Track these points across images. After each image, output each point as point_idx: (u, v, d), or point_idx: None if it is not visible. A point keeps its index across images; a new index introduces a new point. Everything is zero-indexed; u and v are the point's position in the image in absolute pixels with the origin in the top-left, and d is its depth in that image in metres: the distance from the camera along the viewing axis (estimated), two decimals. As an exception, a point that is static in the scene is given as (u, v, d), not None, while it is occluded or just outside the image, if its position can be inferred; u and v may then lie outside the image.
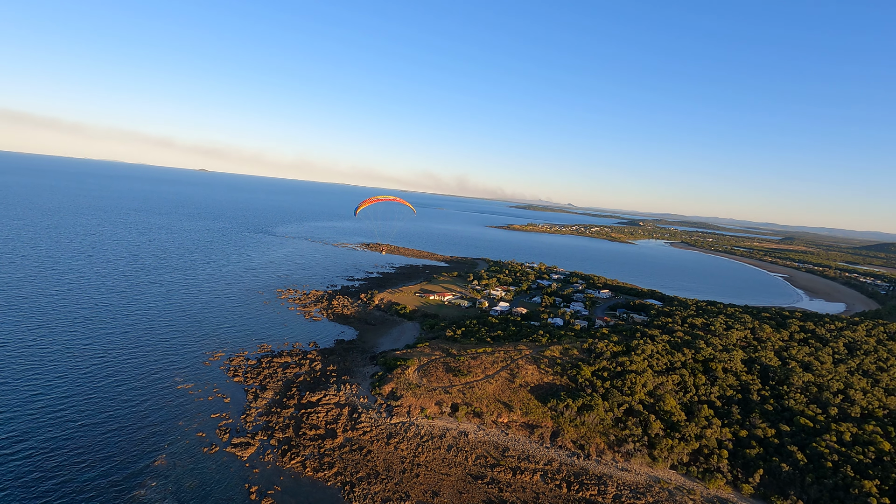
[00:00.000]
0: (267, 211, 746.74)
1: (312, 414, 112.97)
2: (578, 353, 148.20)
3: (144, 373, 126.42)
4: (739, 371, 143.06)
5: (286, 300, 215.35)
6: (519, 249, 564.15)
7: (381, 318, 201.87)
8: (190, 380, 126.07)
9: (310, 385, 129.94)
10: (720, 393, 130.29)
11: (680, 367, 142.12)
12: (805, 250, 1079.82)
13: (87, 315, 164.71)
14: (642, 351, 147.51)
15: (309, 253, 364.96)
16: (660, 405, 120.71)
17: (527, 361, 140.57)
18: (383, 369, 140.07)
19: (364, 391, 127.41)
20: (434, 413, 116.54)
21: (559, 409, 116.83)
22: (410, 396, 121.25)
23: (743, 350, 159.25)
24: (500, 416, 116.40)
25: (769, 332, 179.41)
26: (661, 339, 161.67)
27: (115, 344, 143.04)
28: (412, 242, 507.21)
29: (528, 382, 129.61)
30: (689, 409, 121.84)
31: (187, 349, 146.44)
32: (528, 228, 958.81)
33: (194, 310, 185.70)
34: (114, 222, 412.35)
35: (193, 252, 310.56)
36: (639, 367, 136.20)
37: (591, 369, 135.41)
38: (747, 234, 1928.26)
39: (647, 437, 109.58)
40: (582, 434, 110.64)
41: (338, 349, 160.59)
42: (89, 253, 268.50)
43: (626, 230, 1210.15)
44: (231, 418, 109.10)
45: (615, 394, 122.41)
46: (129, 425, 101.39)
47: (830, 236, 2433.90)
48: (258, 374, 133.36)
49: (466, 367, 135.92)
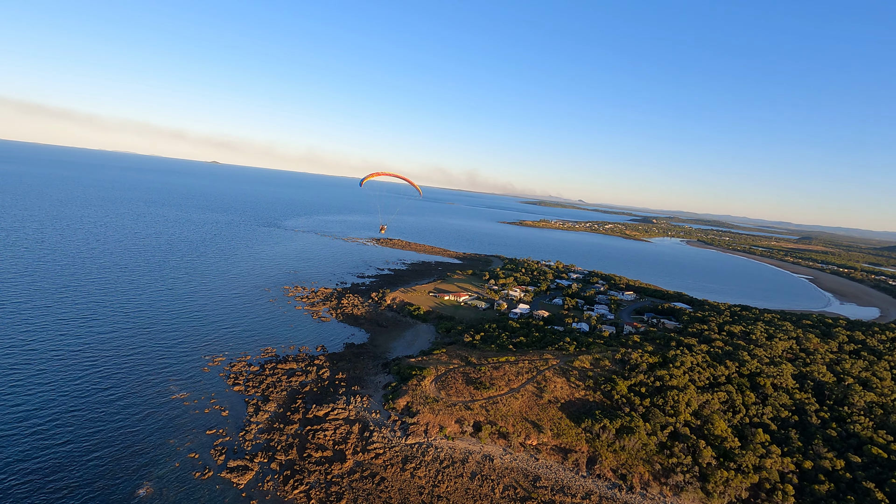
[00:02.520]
0: (276, 204, 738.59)
1: (319, 432, 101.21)
2: (611, 365, 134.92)
3: (138, 381, 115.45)
4: (791, 388, 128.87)
5: (293, 298, 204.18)
6: (533, 246, 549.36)
7: (394, 320, 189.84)
8: (186, 388, 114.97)
9: (316, 396, 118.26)
10: (773, 414, 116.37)
11: (725, 383, 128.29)
12: (825, 250, 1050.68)
13: (83, 314, 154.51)
14: (681, 363, 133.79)
15: (318, 248, 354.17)
16: (708, 428, 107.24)
17: (555, 373, 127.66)
18: (397, 379, 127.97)
19: (376, 405, 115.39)
20: (454, 433, 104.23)
21: (595, 431, 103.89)
22: (427, 412, 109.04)
23: (791, 363, 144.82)
24: (529, 437, 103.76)
25: (816, 343, 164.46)
26: (700, 350, 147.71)
27: (109, 347, 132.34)
28: (423, 238, 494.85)
29: (557, 398, 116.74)
30: (741, 433, 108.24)
31: (186, 352, 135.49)
32: (540, 225, 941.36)
33: (196, 308, 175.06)
34: (122, 214, 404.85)
35: (200, 246, 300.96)
36: (680, 383, 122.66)
37: (627, 384, 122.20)
38: (763, 233, 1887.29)
39: (697, 466, 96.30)
40: (622, 461, 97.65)
41: (347, 354, 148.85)
42: (93, 246, 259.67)
43: (640, 227, 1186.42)
44: (228, 435, 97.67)
45: (657, 414, 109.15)
46: (117, 443, 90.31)
47: (848, 236, 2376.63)
48: (260, 383, 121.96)
49: (488, 378, 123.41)
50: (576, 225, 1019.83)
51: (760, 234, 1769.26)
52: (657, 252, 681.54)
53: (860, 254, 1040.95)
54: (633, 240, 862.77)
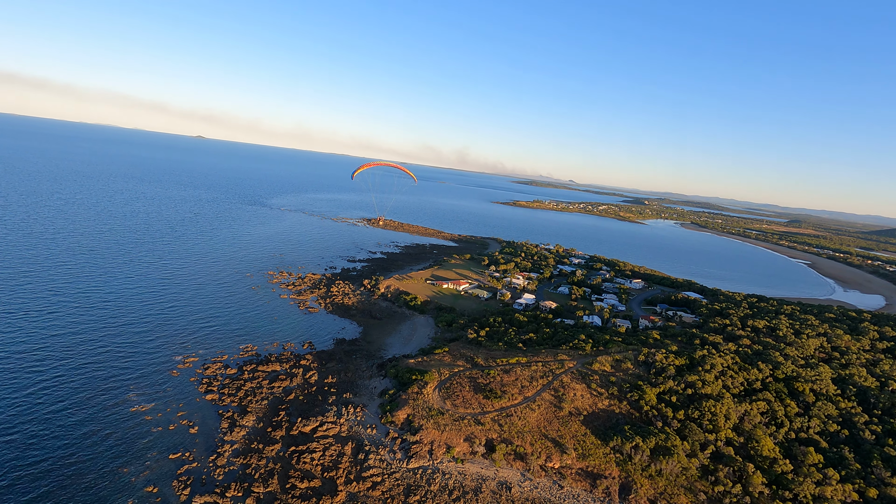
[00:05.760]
0: (263, 181, 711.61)
1: (305, 454, 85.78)
2: (634, 368, 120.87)
3: (92, 389, 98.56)
4: (833, 395, 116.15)
5: (278, 286, 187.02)
6: (529, 228, 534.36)
7: (389, 311, 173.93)
8: (149, 397, 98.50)
9: (303, 406, 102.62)
10: (821, 427, 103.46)
11: (761, 389, 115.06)
12: (816, 234, 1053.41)
13: (38, 306, 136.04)
14: (711, 366, 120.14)
15: (306, 228, 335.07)
16: (753, 446, 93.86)
17: (573, 378, 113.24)
18: (395, 384, 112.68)
19: (372, 417, 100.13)
20: (464, 453, 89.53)
21: (626, 451, 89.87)
22: (432, 428, 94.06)
23: (826, 364, 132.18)
24: (550, 458, 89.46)
25: (848, 340, 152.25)
26: (728, 349, 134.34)
27: (62, 346, 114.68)
28: (416, 218, 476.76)
29: (578, 409, 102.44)
30: (790, 452, 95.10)
31: (153, 352, 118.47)
32: (534, 205, 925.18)
33: (170, 298, 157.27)
34: (96, 190, 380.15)
35: (179, 226, 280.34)
36: (714, 390, 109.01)
37: (655, 392, 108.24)
38: (752, 215, 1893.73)
39: (748, 497, 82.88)
40: (661, 489, 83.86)
41: (338, 352, 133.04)
42: (60, 225, 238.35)
43: (633, 209, 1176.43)
44: (196, 460, 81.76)
45: (694, 429, 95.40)
46: (53, 476, 73.88)
47: (834, 220, 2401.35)
48: (238, 389, 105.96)
49: (499, 384, 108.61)
50: (570, 206, 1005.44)
51: (750, 216, 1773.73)
52: (655, 235, 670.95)
53: (850, 238, 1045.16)
54: (628, 221, 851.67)
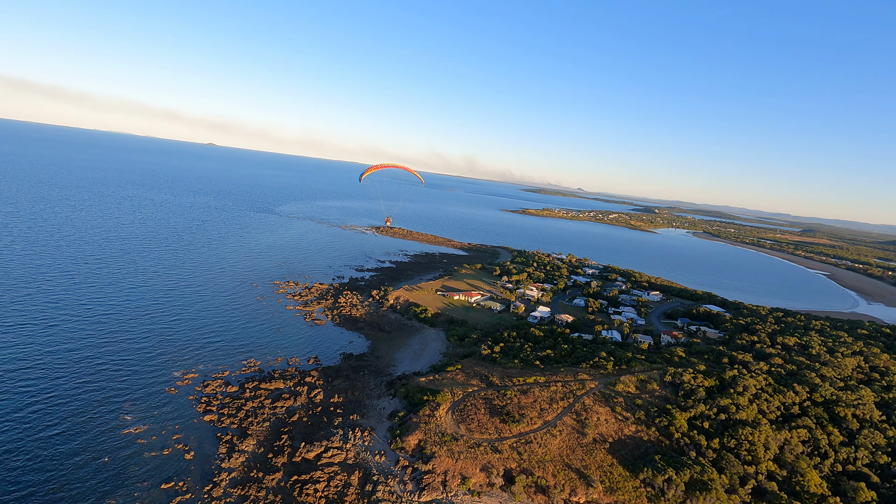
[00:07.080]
0: (272, 188, 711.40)
1: (309, 484, 78.99)
2: (660, 389, 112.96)
3: (86, 411, 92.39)
4: (878, 421, 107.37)
5: (284, 296, 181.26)
6: (540, 237, 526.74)
7: (398, 323, 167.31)
8: (144, 418, 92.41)
9: (307, 429, 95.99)
10: (869, 459, 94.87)
11: (800, 415, 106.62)
12: (831, 244, 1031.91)
13: (34, 318, 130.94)
14: (744, 388, 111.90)
15: (314, 236, 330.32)
16: (798, 480, 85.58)
17: (595, 400, 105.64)
18: (405, 405, 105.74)
19: (381, 442, 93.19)
20: (480, 485, 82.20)
21: (658, 485, 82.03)
22: (445, 456, 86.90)
23: (867, 386, 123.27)
24: (575, 492, 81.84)
25: (887, 360, 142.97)
26: (760, 369, 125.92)
27: (54, 361, 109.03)
28: (425, 226, 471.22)
29: (603, 435, 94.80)
30: (838, 488, 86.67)
31: (151, 368, 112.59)
32: (544, 213, 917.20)
33: (173, 309, 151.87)
34: (105, 197, 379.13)
35: (186, 234, 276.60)
36: (749, 416, 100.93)
37: (685, 416, 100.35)
38: (765, 224, 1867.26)
39: (797, 540, 74.76)
40: (699, 530, 75.95)
41: (345, 368, 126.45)
42: (67, 232, 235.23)
43: (644, 218, 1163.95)
44: (190, 491, 75.27)
45: (732, 461, 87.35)
46: None
47: (848, 229, 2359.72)
48: (238, 410, 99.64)
49: (516, 407, 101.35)
50: (579, 214, 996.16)
51: (763, 225, 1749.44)
52: (667, 245, 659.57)
53: (867, 248, 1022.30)
54: (639, 230, 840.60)
